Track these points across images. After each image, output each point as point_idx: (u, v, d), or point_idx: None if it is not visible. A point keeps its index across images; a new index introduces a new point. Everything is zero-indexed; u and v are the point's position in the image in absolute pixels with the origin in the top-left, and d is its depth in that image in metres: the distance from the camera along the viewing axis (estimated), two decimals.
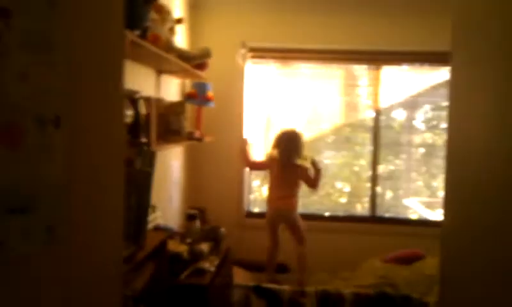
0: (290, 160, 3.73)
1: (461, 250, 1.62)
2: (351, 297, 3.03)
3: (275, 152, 3.80)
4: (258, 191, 4.44)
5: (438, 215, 4.29)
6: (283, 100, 4.25)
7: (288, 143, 3.75)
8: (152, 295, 2.10)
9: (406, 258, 3.77)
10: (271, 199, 3.81)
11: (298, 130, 3.87)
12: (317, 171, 3.77)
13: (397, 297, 3.01)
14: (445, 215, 1.77)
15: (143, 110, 2.33)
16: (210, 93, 3.66)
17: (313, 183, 3.79)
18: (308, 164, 3.79)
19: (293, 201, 3.75)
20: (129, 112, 2.21)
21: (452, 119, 1.75)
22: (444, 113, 4.33)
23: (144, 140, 2.31)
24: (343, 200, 4.39)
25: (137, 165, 1.94)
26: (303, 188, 3.85)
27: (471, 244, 1.54)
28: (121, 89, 1.30)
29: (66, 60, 0.97)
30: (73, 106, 1.01)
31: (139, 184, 1.90)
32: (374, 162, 4.23)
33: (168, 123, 2.92)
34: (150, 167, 2.00)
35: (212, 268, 2.58)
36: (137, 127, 2.28)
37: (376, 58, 4.11)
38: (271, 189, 3.84)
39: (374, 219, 4.23)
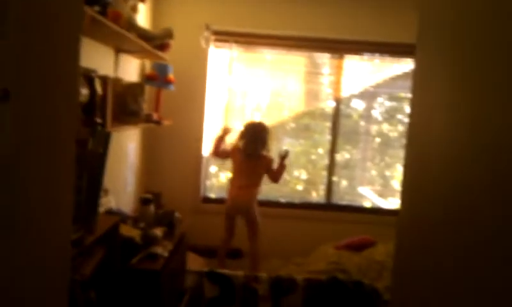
0: (253, 152, 3.73)
1: (416, 238, 1.67)
2: (303, 283, 3.08)
3: (240, 143, 3.79)
4: (215, 177, 4.42)
5: (390, 203, 4.42)
6: (245, 85, 4.22)
7: (254, 135, 3.74)
8: (102, 280, 2.06)
9: (358, 245, 3.87)
10: (231, 190, 3.81)
11: (265, 122, 3.87)
12: (282, 164, 3.79)
13: (348, 283, 3.08)
14: (402, 203, 1.82)
15: (99, 89, 2.26)
16: (170, 76, 3.59)
17: (274, 176, 3.81)
18: (274, 156, 3.81)
19: (252, 193, 3.76)
20: (84, 91, 2.15)
21: (414, 111, 1.79)
22: (401, 104, 4.44)
23: (99, 120, 2.24)
24: (299, 187, 4.44)
25: (90, 146, 1.89)
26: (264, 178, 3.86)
27: (425, 232, 1.58)
28: (77, 66, 1.26)
29: (19, 32, 0.92)
30: (24, 80, 0.97)
31: (91, 165, 1.85)
32: (332, 151, 4.29)
33: (125, 104, 2.85)
34: (103, 149, 1.94)
35: (166, 254, 2.56)
36: (93, 107, 2.21)
37: (339, 47, 4.14)
38: (233, 180, 3.84)
39: (329, 207, 4.31)
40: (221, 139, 3.84)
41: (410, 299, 1.67)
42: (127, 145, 3.40)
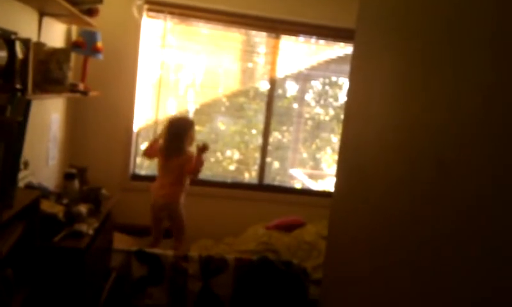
0: (173, 150, 3.50)
1: (347, 220, 1.69)
2: (233, 262, 3.07)
3: (162, 141, 3.57)
4: None
5: (320, 185, 4.52)
6: (179, 59, 4.09)
7: (173, 132, 3.51)
8: (20, 258, 1.91)
9: (288, 225, 3.94)
10: (153, 189, 3.61)
11: (188, 117, 3.67)
12: (199, 159, 3.50)
13: (277, 262, 3.11)
14: (336, 185, 1.83)
15: (19, 53, 2.09)
16: (99, 44, 3.40)
17: (191, 170, 3.51)
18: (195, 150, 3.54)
19: (174, 193, 3.54)
20: (3, 54, 1.97)
21: (351, 96, 1.80)
22: (334, 89, 4.52)
23: (18, 86, 2.07)
24: (232, 167, 4.41)
25: (8, 114, 1.72)
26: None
27: (356, 214, 1.60)
28: None
29: None
30: None
31: (9, 134, 1.68)
32: (266, 132, 4.29)
33: (49, 70, 2.64)
34: (23, 117, 1.78)
35: (91, 232, 2.42)
36: (12, 71, 2.05)
37: (276, 27, 4.12)
38: (156, 179, 3.65)
39: (260, 187, 4.32)
40: (157, 141, 3.61)
41: (342, 278, 1.69)
42: (49, 115, 3.18)
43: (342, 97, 4.47)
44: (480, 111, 0.94)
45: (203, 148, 3.50)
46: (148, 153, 3.69)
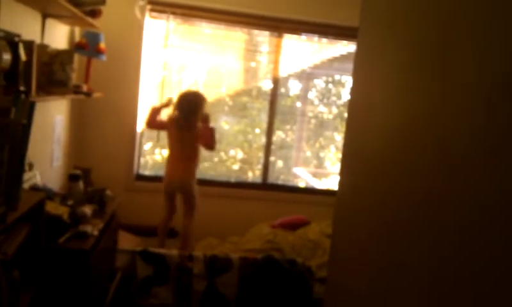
0: (187, 123, 3.56)
1: (352, 218, 1.69)
2: (238, 262, 3.07)
3: (174, 114, 3.62)
4: (149, 154, 4.28)
5: (323, 184, 4.52)
6: (182, 60, 4.09)
7: (187, 105, 3.57)
8: (26, 260, 1.92)
9: (292, 224, 3.94)
10: (167, 165, 3.66)
11: (200, 92, 3.71)
12: (207, 127, 3.59)
13: (282, 261, 3.11)
14: (340, 184, 1.83)
15: (23, 55, 2.10)
16: (102, 45, 3.40)
17: (207, 142, 3.61)
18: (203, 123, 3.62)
19: (189, 167, 3.61)
20: (6, 56, 1.97)
21: (354, 95, 1.79)
22: (337, 87, 4.52)
23: (22, 88, 2.07)
24: (235, 167, 4.41)
25: (12, 116, 1.73)
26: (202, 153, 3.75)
27: (360, 213, 1.60)
28: None
29: None
30: None
31: (13, 137, 1.69)
32: (269, 131, 4.29)
33: (52, 72, 2.64)
34: (27, 119, 1.78)
35: (96, 232, 2.43)
36: (16, 74, 2.05)
37: (278, 26, 4.12)
38: (169, 155, 3.69)
39: (264, 186, 4.32)
40: (158, 110, 3.67)
41: (347, 276, 1.69)
42: (53, 117, 3.19)
43: (346, 95, 4.46)
44: (489, 110, 0.94)
45: (205, 119, 3.59)
46: (152, 124, 3.70)
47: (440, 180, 1.10)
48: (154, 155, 4.31)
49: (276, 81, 4.24)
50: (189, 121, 3.57)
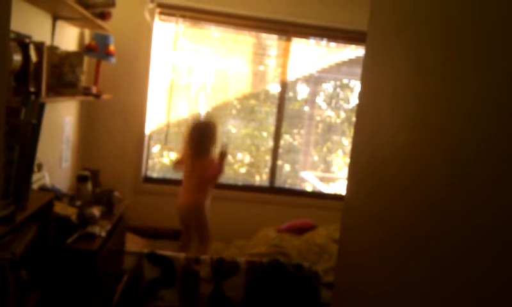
0: (199, 154, 3.51)
1: (359, 223, 1.68)
2: (245, 265, 3.07)
3: (188, 145, 3.58)
4: (158, 156, 4.29)
5: (331, 188, 4.50)
6: (191, 62, 4.10)
7: (199, 136, 3.52)
8: (34, 260, 1.93)
9: (299, 228, 3.92)
10: (180, 194, 3.62)
11: (211, 120, 3.66)
12: (221, 163, 3.47)
13: (288, 265, 3.10)
14: (348, 189, 1.82)
15: (33, 56, 2.12)
16: (111, 47, 3.42)
17: (211, 177, 3.51)
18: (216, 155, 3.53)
19: (198, 197, 3.53)
20: (17, 57, 1.99)
21: (362, 100, 1.79)
22: (345, 91, 4.51)
23: (32, 89, 2.09)
24: (243, 170, 4.41)
25: (22, 116, 1.74)
26: None
27: (368, 218, 1.59)
28: (7, 29, 1.14)
29: None
30: None
31: (23, 137, 1.70)
32: (277, 135, 4.28)
33: (62, 74, 2.67)
34: (37, 120, 1.79)
35: (103, 234, 2.43)
36: (26, 75, 2.07)
37: (287, 29, 4.12)
38: (182, 183, 3.65)
39: (272, 190, 4.32)
40: (184, 152, 3.64)
41: (355, 282, 1.68)
42: (63, 118, 3.20)
43: (354, 100, 4.45)
44: (501, 115, 0.93)
45: (223, 154, 3.48)
46: (178, 167, 3.70)
47: (449, 189, 1.09)
48: (162, 157, 4.32)
49: (284, 85, 4.23)
50: (202, 149, 3.52)
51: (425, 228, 1.18)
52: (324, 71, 4.36)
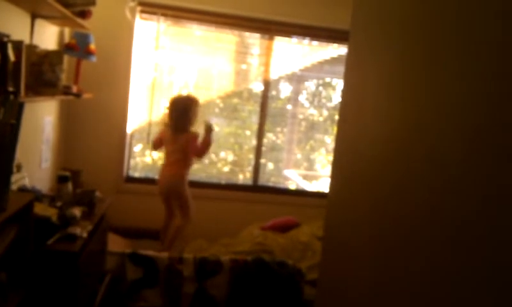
0: (179, 129, 3.56)
1: (343, 221, 1.69)
2: (228, 264, 3.07)
3: (167, 119, 3.64)
4: (140, 156, 4.26)
5: (314, 186, 4.53)
6: (173, 61, 4.08)
7: (177, 111, 3.57)
8: (14, 262, 1.90)
9: (283, 226, 3.94)
10: (161, 170, 3.69)
11: (191, 96, 3.72)
12: (207, 139, 3.58)
13: (272, 263, 3.11)
14: (331, 187, 1.83)
15: (11, 55, 2.08)
16: (92, 46, 3.38)
17: (198, 151, 3.60)
18: (201, 130, 3.62)
19: (179, 172, 3.61)
20: None
21: (345, 98, 1.80)
22: (327, 89, 4.53)
23: (11, 89, 2.05)
24: (226, 169, 4.41)
25: (1, 116, 1.71)
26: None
27: (352, 215, 1.60)
28: None
29: None
30: None
31: (2, 137, 1.67)
32: (260, 133, 4.29)
33: (41, 73, 2.62)
34: (16, 120, 1.76)
35: (85, 234, 2.41)
36: (4, 74, 2.03)
37: (269, 28, 4.12)
38: (164, 160, 3.71)
39: (255, 188, 4.32)
40: (163, 132, 3.69)
41: (338, 279, 1.69)
42: (42, 118, 3.16)
43: (336, 98, 4.48)
44: (485, 113, 0.94)
45: (209, 129, 3.57)
46: (156, 147, 3.74)
47: (432, 186, 1.10)
48: (144, 156, 4.29)
49: (267, 83, 4.24)
50: (181, 124, 3.57)
51: (409, 225, 1.19)
52: (306, 70, 4.38)
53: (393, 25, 1.42)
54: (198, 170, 4.23)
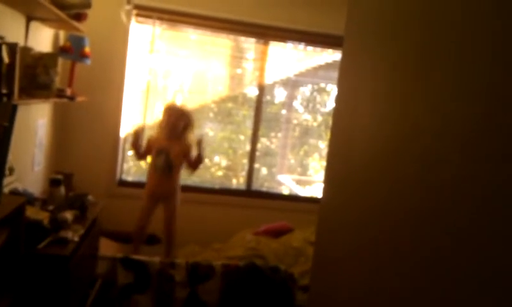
0: (174, 134, 3.58)
1: (335, 227, 1.69)
2: (220, 269, 3.06)
3: (161, 126, 3.64)
4: (133, 160, 4.24)
5: (307, 191, 4.53)
6: (168, 65, 4.07)
7: (174, 116, 3.58)
8: (5, 265, 1.88)
9: (276, 231, 3.93)
10: (151, 176, 3.66)
11: (186, 107, 3.76)
12: (200, 154, 3.62)
13: (265, 268, 3.11)
14: (324, 193, 1.83)
15: (5, 57, 2.07)
16: (87, 49, 3.37)
17: (192, 164, 3.66)
18: (193, 144, 3.65)
19: (175, 178, 3.64)
20: None
21: (339, 103, 1.80)
22: (322, 95, 4.55)
23: (4, 91, 2.04)
24: (220, 173, 4.40)
25: None
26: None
27: (344, 221, 1.61)
28: None
29: None
30: None
31: None
32: (254, 138, 4.29)
33: (35, 75, 2.61)
34: (8, 122, 1.76)
35: (76, 238, 2.39)
36: None
37: (264, 33, 4.13)
38: (152, 165, 3.69)
39: (248, 193, 4.32)
40: (136, 141, 3.65)
41: (330, 285, 1.69)
42: (36, 121, 3.14)
43: (330, 103, 4.49)
44: (479, 116, 0.93)
45: (201, 142, 3.62)
46: (140, 156, 3.72)
47: (426, 192, 1.10)
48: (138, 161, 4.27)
49: (262, 88, 4.25)
50: (176, 132, 3.58)
51: (402, 232, 1.19)
52: (301, 75, 4.40)
53: (387, 31, 1.43)
54: (192, 174, 4.22)
